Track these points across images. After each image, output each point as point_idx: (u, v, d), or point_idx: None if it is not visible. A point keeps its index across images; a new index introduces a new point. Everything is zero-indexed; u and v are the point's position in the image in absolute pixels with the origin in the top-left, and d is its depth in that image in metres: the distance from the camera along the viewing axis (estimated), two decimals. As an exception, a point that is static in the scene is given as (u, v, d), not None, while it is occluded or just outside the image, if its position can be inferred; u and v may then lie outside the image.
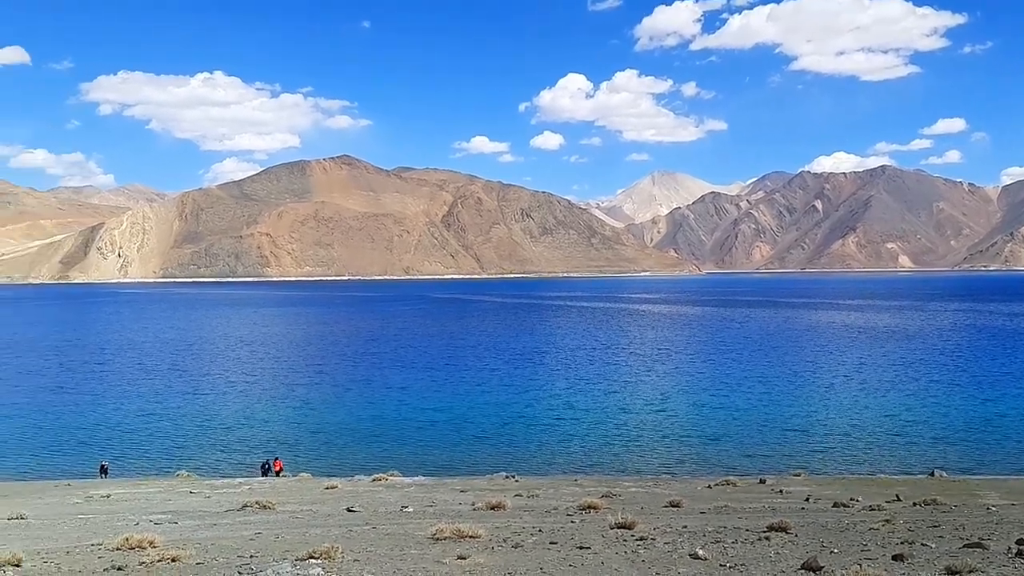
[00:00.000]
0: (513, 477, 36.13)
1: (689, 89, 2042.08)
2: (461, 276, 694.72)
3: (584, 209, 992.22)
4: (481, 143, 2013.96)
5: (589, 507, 22.25)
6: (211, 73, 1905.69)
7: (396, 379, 76.16)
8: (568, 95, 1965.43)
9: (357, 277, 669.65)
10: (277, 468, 40.33)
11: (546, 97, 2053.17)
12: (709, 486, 31.46)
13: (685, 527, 17.82)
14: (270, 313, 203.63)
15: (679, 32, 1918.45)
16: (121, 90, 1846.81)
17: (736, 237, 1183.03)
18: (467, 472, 41.13)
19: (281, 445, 48.16)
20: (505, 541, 15.86)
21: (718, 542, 15.37)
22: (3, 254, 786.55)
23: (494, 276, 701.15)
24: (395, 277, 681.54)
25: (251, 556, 14.33)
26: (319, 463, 44.26)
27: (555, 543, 15.64)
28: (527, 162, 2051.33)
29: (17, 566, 12.95)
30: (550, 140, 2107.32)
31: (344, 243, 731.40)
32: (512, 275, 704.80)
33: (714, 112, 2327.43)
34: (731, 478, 33.49)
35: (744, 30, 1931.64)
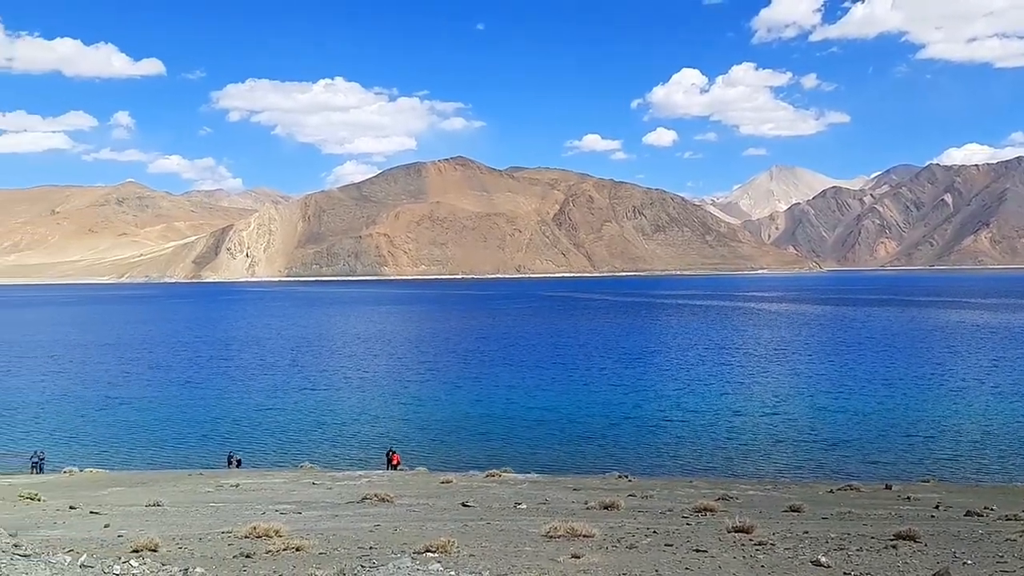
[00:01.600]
0: (626, 477, 35.27)
1: (809, 81, 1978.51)
2: (572, 274, 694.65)
3: (698, 206, 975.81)
4: (593, 141, 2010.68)
5: (705, 509, 21.48)
6: (332, 79, 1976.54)
7: (505, 377, 76.19)
8: (682, 90, 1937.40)
9: (470, 275, 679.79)
10: (395, 462, 40.88)
11: (659, 93, 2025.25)
12: (831, 491, 29.89)
13: (806, 532, 16.78)
14: (385, 311, 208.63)
15: (798, 23, 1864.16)
16: (248, 98, 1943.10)
17: (859, 233, 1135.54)
18: (579, 471, 40.55)
19: (396, 440, 48.73)
20: (619, 541, 15.36)
21: (841, 549, 14.36)
22: (142, 254, 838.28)
23: (605, 274, 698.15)
24: (507, 275, 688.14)
25: (370, 548, 14.46)
26: (433, 458, 44.53)
27: (670, 545, 15.06)
28: (639, 159, 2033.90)
29: (154, 551, 13.30)
30: (663, 136, 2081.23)
31: (458, 242, 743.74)
32: (624, 273, 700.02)
33: (836, 104, 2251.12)
34: (854, 483, 31.66)
35: (867, 19, 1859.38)
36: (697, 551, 14.31)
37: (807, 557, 13.47)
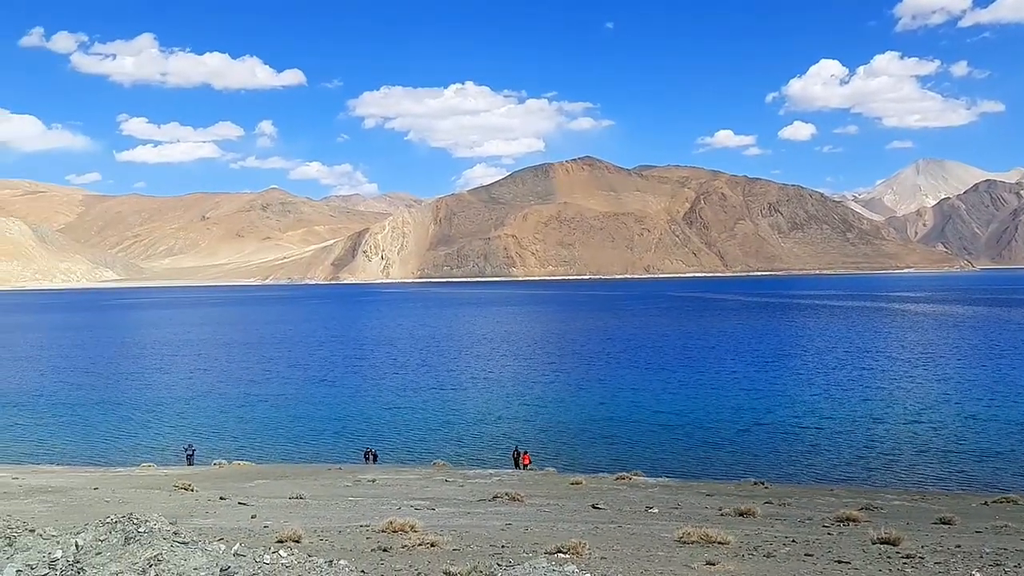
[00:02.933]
0: (762, 483, 34.37)
1: (959, 69, 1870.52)
2: (704, 274, 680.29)
3: (838, 202, 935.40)
4: (725, 137, 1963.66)
5: (847, 519, 20.79)
6: (463, 84, 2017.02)
7: (631, 379, 75.54)
8: (820, 82, 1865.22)
9: (598, 276, 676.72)
10: (525, 462, 41.40)
11: (796, 86, 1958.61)
12: (986, 503, 28.20)
13: (958, 547, 15.93)
14: (512, 312, 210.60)
15: (946, 8, 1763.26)
16: (383, 104, 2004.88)
17: (1016, 229, 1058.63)
18: (710, 476, 39.81)
19: (521, 441, 49.23)
20: (756, 549, 15.07)
21: (998, 565, 13.55)
22: (284, 257, 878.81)
23: (739, 274, 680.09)
24: (636, 276, 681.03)
25: (502, 546, 14.73)
26: (559, 459, 44.71)
27: (810, 555, 14.65)
28: (775, 154, 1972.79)
29: (297, 542, 14.07)
30: (800, 130, 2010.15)
31: (585, 243, 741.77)
32: (758, 273, 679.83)
33: (989, 93, 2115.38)
34: (1012, 496, 29.70)
35: (1022, 2, 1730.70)
36: (839, 562, 13.85)
37: (960, 573, 12.78)
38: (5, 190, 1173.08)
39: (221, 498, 25.04)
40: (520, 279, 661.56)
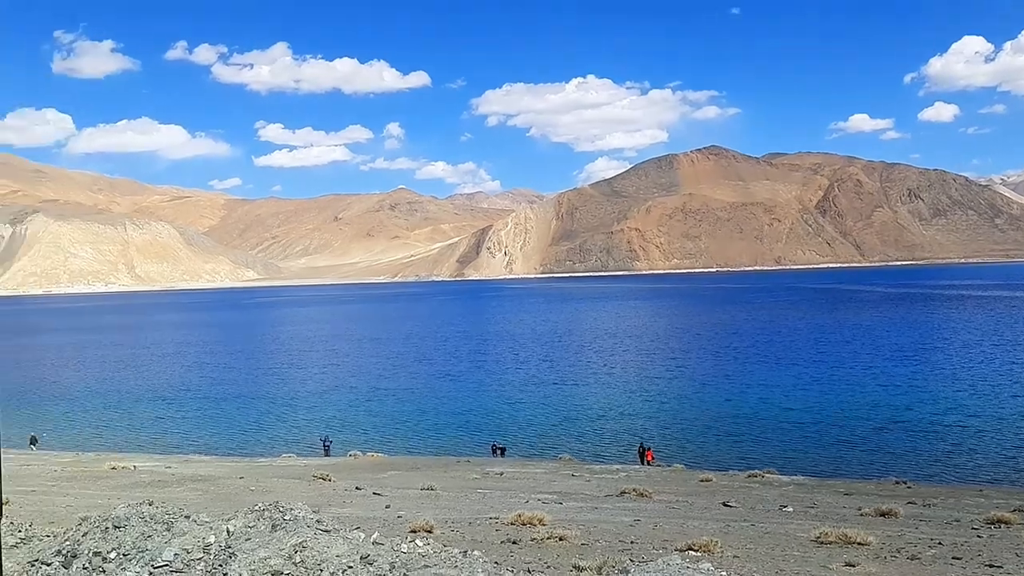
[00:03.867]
0: (904, 483, 32.83)
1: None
2: (838, 265, 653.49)
3: (985, 186, 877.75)
4: (860, 121, 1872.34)
5: (999, 521, 19.62)
6: (584, 78, 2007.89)
7: (760, 374, 73.48)
8: (963, 60, 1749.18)
9: (725, 268, 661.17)
10: (649, 458, 41.04)
11: (936, 65, 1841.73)
12: None
13: None
14: (635, 306, 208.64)
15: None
16: (505, 102, 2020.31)
17: None
18: (847, 475, 38.33)
19: (645, 436, 48.81)
20: (899, 552, 14.51)
21: None
22: (412, 255, 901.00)
23: (876, 264, 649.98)
24: (765, 268, 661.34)
25: (631, 542, 14.75)
26: (685, 456, 44.12)
27: (959, 559, 13.99)
28: (914, 138, 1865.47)
29: (430, 532, 14.51)
30: (942, 111, 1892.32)
31: (712, 234, 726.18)
32: (897, 262, 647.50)
33: None
34: None
35: None
36: (991, 567, 13.12)
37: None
38: (155, 196, 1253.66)
39: (356, 488, 25.96)
40: (644, 273, 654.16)
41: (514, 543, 13.97)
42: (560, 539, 14.24)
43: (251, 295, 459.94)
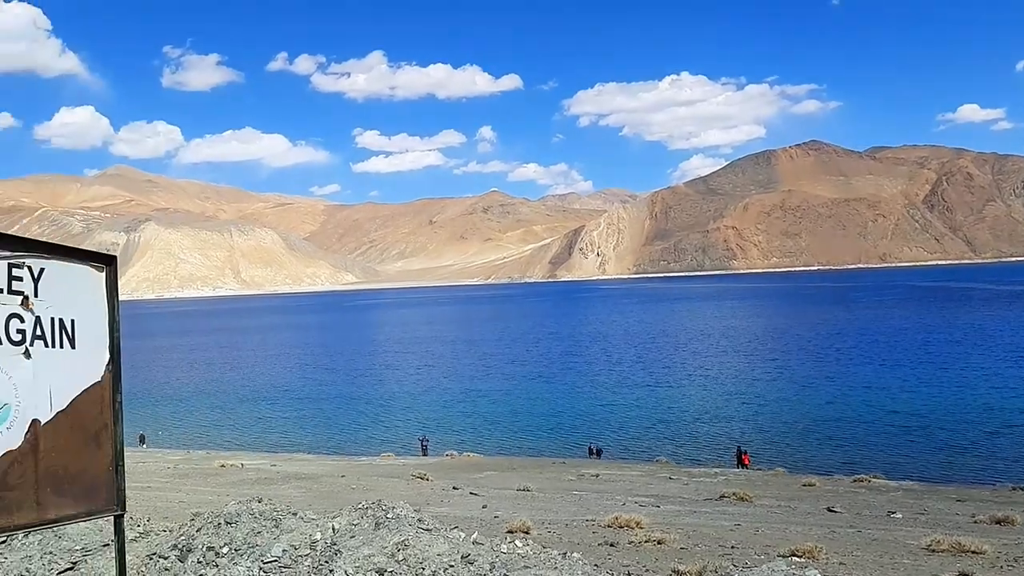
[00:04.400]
0: (1021, 489, 31.28)
1: None
2: (948, 262, 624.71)
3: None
4: (970, 112, 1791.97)
5: None
6: (678, 75, 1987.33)
7: (863, 376, 70.88)
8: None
9: (827, 267, 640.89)
10: (745, 461, 40.21)
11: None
12: None
13: None
14: (732, 306, 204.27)
15: None
16: (597, 102, 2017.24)
17: None
18: (958, 480, 36.67)
19: (742, 439, 47.82)
20: (1016, 561, 13.89)
21: None
22: (504, 257, 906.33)
23: (989, 260, 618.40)
24: (869, 265, 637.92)
25: (732, 547, 14.54)
26: (785, 459, 43.00)
27: None
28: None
29: (527, 533, 14.63)
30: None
31: (812, 232, 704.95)
32: (1012, 258, 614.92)
33: None
34: None
35: None
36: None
37: None
38: (258, 203, 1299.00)
39: (454, 488, 26.29)
40: (741, 272, 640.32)
41: (612, 546, 13.90)
42: (658, 543, 14.09)
43: (349, 298, 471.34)
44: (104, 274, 4.86)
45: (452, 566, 6.10)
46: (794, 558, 12.82)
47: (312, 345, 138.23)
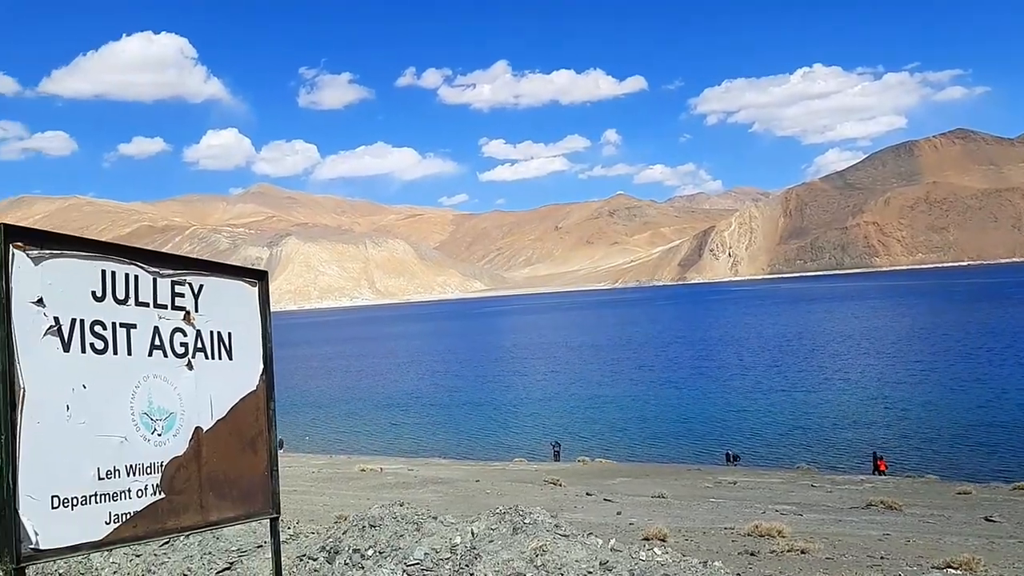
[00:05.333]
0: None
1: None
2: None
3: None
4: None
5: None
6: (810, 67, 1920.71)
7: (1019, 378, 66.12)
8: None
9: (978, 262, 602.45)
10: (881, 467, 38.35)
11: None
12: None
13: None
14: (874, 305, 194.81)
15: None
16: (725, 99, 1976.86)
17: None
18: None
19: (882, 446, 45.55)
20: None
21: None
22: (632, 260, 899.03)
23: None
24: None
25: (881, 557, 14.00)
26: (936, 466, 40.68)
27: None
28: None
29: (663, 540, 14.53)
30: None
31: (960, 225, 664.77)
32: None
33: None
34: None
35: None
36: None
37: None
38: (390, 215, 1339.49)
39: (587, 494, 26.23)
40: (884, 270, 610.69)
41: (752, 555, 13.53)
42: (802, 552, 13.60)
43: (478, 305, 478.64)
44: (257, 289, 5.16)
45: (591, 572, 6.10)
46: (949, 570, 12.15)
47: (442, 352, 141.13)
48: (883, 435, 49.64)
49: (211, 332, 4.73)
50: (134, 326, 4.26)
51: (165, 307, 4.45)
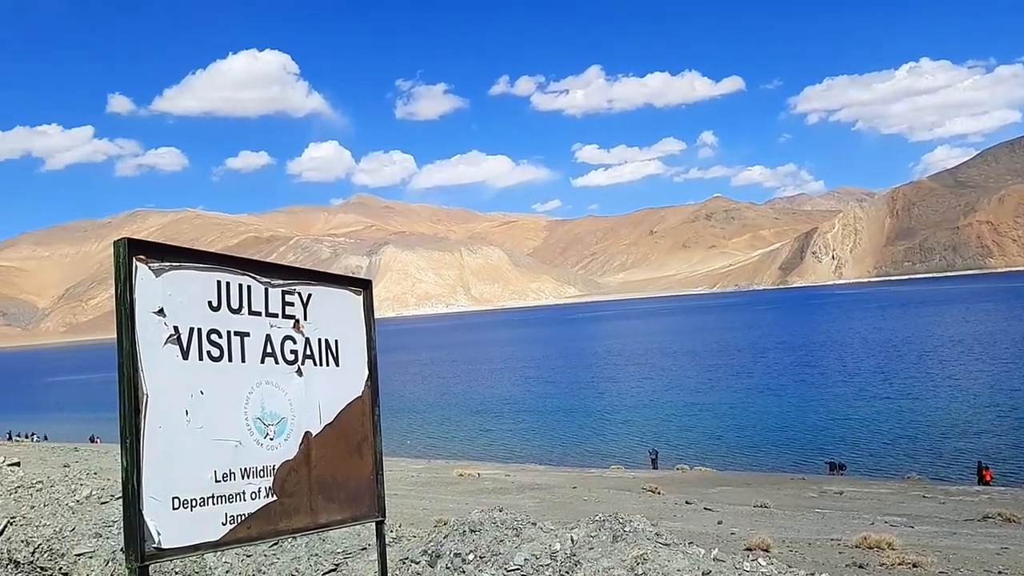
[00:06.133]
0: None
1: None
2: None
3: None
4: None
5: None
6: (916, 61, 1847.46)
7: None
8: None
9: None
10: (987, 477, 36.47)
11: None
12: None
13: None
14: (988, 309, 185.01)
15: None
16: (826, 97, 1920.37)
17: None
18: None
19: (1000, 455, 43.29)
20: None
21: None
22: (730, 264, 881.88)
23: None
24: None
25: (999, 572, 13.45)
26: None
27: None
28: None
29: (766, 551, 14.26)
30: None
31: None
32: None
33: None
34: None
35: None
36: None
37: None
38: (484, 223, 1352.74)
39: (687, 502, 25.83)
40: (999, 271, 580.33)
41: (861, 567, 13.08)
42: (914, 566, 13.05)
43: (572, 311, 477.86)
44: (361, 298, 5.32)
45: (693, 583, 6.00)
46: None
47: (535, 358, 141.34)
48: (995, 444, 47.24)
49: (319, 339, 4.89)
50: (247, 334, 4.44)
51: (276, 316, 4.62)
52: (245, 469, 4.33)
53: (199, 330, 4.20)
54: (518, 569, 6.88)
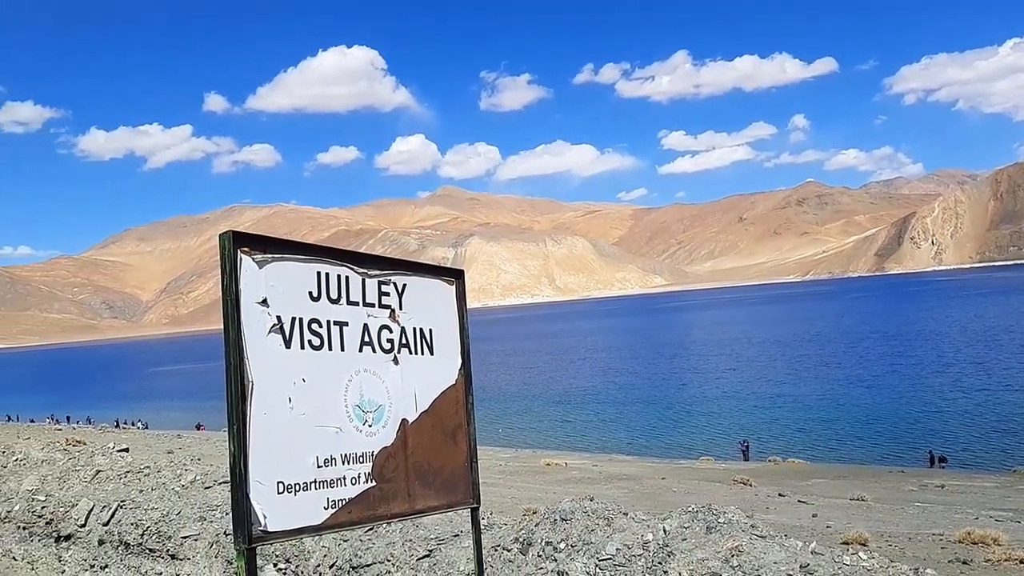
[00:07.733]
0: None
1: None
2: None
3: None
4: None
5: None
6: (1021, 37, 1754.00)
7: None
8: None
9: None
10: None
11: None
12: None
13: None
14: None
15: None
16: (923, 77, 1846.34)
17: None
18: None
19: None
20: None
21: None
22: (824, 251, 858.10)
23: None
24: None
25: None
26: None
27: None
28: None
29: (864, 545, 13.94)
30: None
31: None
32: None
33: None
34: None
35: None
36: None
37: None
38: (569, 213, 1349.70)
39: (780, 495, 25.32)
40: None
41: (965, 563, 12.60)
42: (1021, 562, 12.50)
43: (658, 300, 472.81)
44: (454, 287, 5.38)
45: (790, 575, 5.89)
46: None
47: (620, 348, 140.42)
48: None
49: (414, 328, 4.97)
50: (346, 324, 4.55)
51: (373, 305, 4.73)
52: (345, 455, 4.44)
53: (300, 320, 4.32)
54: (610, 559, 6.88)
